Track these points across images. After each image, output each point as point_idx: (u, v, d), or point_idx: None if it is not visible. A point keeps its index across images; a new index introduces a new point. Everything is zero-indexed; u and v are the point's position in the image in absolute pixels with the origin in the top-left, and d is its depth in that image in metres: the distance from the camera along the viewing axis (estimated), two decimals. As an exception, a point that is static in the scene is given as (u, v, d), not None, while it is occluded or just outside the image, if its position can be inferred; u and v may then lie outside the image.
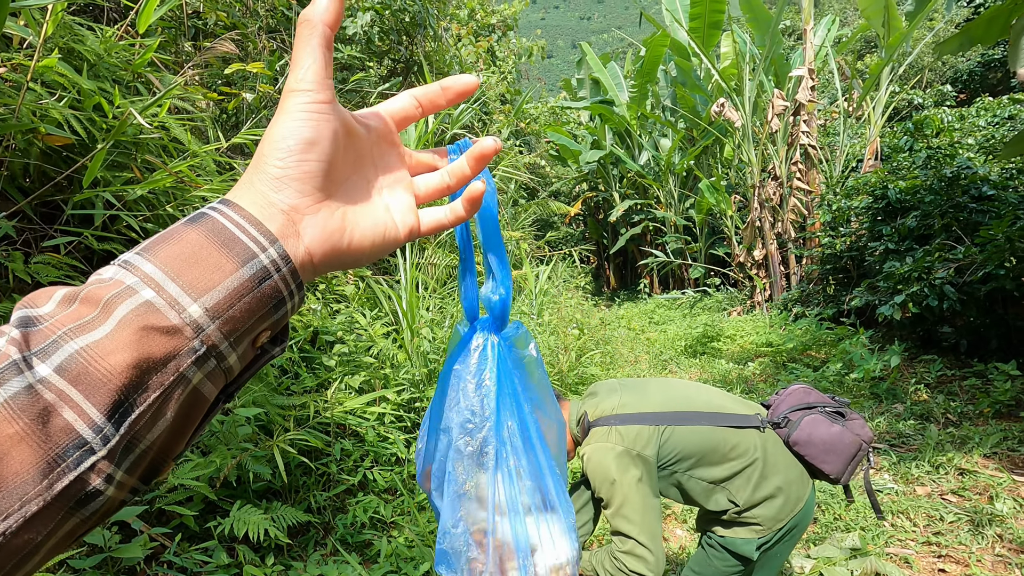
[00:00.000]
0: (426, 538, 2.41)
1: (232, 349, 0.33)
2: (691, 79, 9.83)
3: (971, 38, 3.11)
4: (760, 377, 5.41)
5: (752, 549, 1.50)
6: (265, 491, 2.47)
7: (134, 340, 0.29)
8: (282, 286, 0.35)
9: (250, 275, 0.33)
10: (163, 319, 0.30)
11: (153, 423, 0.31)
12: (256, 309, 0.34)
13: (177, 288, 0.31)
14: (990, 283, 4.33)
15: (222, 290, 0.32)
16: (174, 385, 0.31)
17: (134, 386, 0.29)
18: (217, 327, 0.32)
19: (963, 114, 8.44)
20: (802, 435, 1.50)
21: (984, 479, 3.11)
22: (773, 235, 8.42)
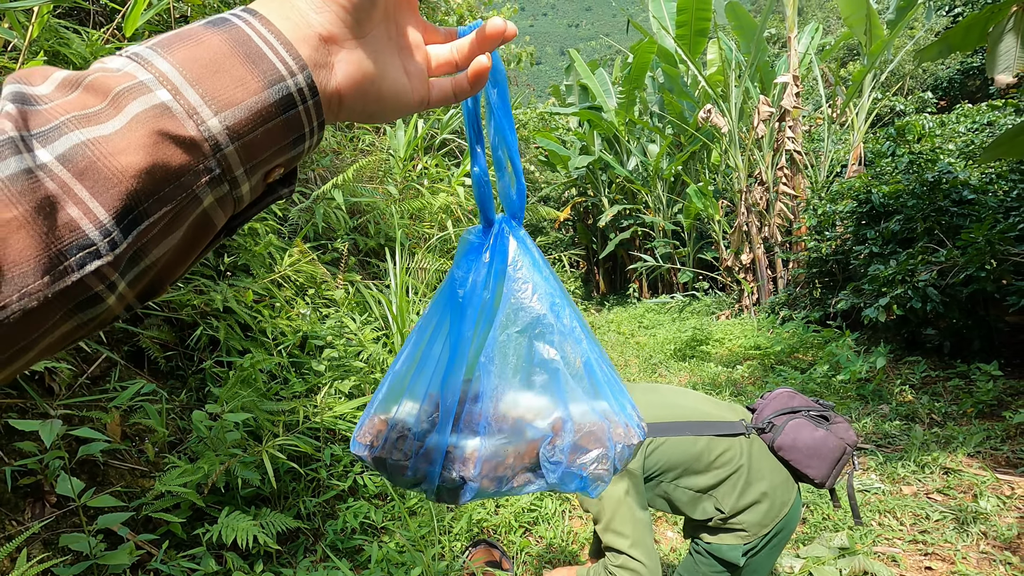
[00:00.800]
0: (417, 543, 2.40)
1: (247, 177, 0.31)
2: (678, 85, 9.94)
3: (950, 45, 3.19)
4: (749, 380, 5.45)
5: (738, 555, 1.50)
6: (254, 497, 2.44)
7: (148, 144, 0.27)
8: (305, 120, 0.32)
9: (275, 99, 0.30)
10: (181, 127, 0.28)
11: (162, 238, 0.29)
12: (277, 139, 0.31)
13: (196, 96, 0.28)
14: (972, 285, 4.41)
15: (244, 109, 0.29)
16: (187, 202, 0.29)
17: (147, 193, 0.27)
18: (236, 149, 0.29)
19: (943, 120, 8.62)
20: (787, 440, 1.49)
21: (968, 478, 3.16)
22: (760, 239, 8.51)
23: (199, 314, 2.65)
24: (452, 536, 2.55)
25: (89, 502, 1.56)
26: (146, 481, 2.15)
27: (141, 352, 2.50)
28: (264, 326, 2.83)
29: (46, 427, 1.37)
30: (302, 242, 3.32)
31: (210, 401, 2.40)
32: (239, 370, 2.52)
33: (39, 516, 1.75)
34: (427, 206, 4.88)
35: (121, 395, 2.01)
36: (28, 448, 1.72)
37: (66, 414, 1.94)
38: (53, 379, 2.03)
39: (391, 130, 5.11)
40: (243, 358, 2.56)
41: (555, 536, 2.75)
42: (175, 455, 2.25)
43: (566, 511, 2.98)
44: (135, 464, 2.15)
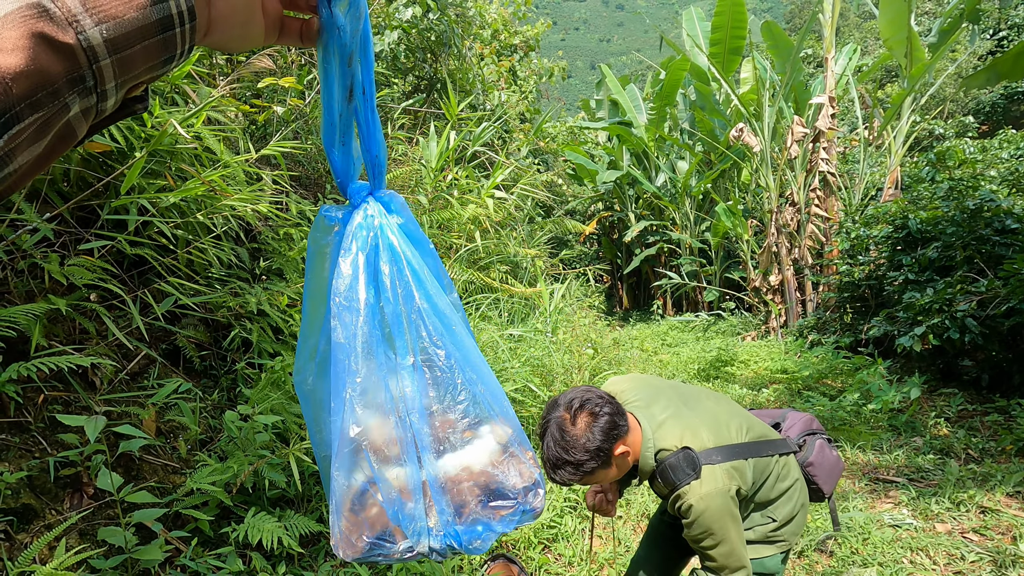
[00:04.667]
0: (436, 554, 2.40)
1: (116, 91, 0.30)
2: (710, 103, 9.88)
3: (998, 73, 3.11)
4: (775, 404, 5.33)
5: (779, 563, 1.56)
6: (279, 499, 2.48)
7: (26, 45, 0.25)
8: (179, 41, 0.32)
9: (157, 18, 0.30)
10: (59, 33, 0.26)
11: (29, 145, 0.27)
12: (152, 57, 0.31)
13: (77, 2, 0.27)
14: (1014, 317, 4.26)
15: (127, 24, 0.29)
16: (57, 110, 0.28)
17: (22, 98, 0.26)
18: (112, 63, 0.29)
19: (985, 146, 8.39)
20: (817, 458, 1.61)
21: (1007, 518, 3.03)
22: (790, 261, 8.36)
23: (234, 316, 2.71)
24: (471, 549, 2.55)
25: (127, 497, 1.61)
26: (177, 478, 2.20)
27: (178, 351, 2.57)
28: (295, 330, 2.88)
29: (91, 423, 1.42)
30: (335, 249, 3.39)
31: (241, 401, 2.45)
32: (270, 372, 2.57)
33: (77, 507, 1.81)
34: (456, 217, 4.93)
35: (159, 392, 2.07)
36: (70, 440, 1.78)
37: (107, 410, 2.00)
38: (95, 374, 2.10)
39: (424, 140, 5.19)
40: (274, 360, 2.61)
41: (574, 555, 2.72)
42: (206, 453, 2.30)
43: (585, 529, 2.95)
44: (168, 460, 2.20)
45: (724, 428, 1.47)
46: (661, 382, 1.66)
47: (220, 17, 0.37)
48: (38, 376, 1.72)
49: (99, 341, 2.13)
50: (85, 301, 2.04)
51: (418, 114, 6.04)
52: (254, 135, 3.59)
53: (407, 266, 0.54)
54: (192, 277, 2.50)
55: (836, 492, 3.54)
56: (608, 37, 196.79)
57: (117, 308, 2.19)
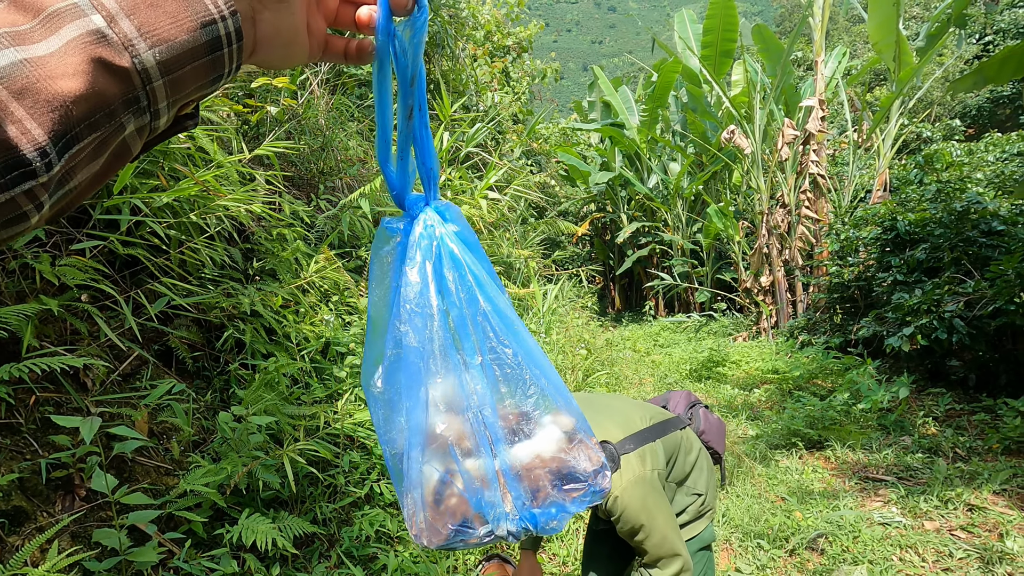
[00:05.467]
0: (432, 554, 2.40)
1: (167, 110, 0.32)
2: (702, 105, 9.95)
3: (985, 77, 3.16)
4: (766, 404, 5.38)
5: (712, 531, 1.68)
6: (272, 500, 2.47)
7: (86, 70, 0.27)
8: (227, 61, 0.34)
9: (206, 40, 0.31)
10: (116, 57, 0.28)
11: (87, 163, 0.29)
12: (201, 77, 0.32)
13: (132, 27, 0.28)
14: (1000, 318, 4.32)
15: (177, 47, 0.30)
16: (113, 130, 0.29)
17: (82, 119, 0.27)
18: (164, 84, 0.30)
19: (971, 148, 8.50)
20: (706, 425, 1.77)
21: (994, 516, 3.08)
22: (780, 262, 8.43)
23: (227, 316, 2.70)
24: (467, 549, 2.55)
25: (121, 499, 1.60)
26: (170, 479, 2.19)
27: (170, 351, 2.55)
28: (288, 331, 2.87)
29: (86, 424, 1.41)
30: (328, 249, 3.38)
31: (234, 402, 2.44)
32: (263, 373, 2.56)
33: (69, 509, 1.79)
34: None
35: (152, 393, 2.06)
36: (61, 442, 1.76)
37: (100, 411, 1.99)
38: (87, 375, 2.08)
39: (417, 141, 5.18)
40: (267, 361, 2.60)
41: (568, 554, 2.73)
42: (199, 455, 2.29)
43: (579, 528, 2.96)
44: (160, 462, 2.19)
45: (628, 419, 1.54)
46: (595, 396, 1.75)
47: (265, 37, 0.38)
48: (29, 377, 1.71)
49: (91, 342, 2.12)
50: (77, 301, 2.02)
51: (411, 115, 6.03)
52: (247, 135, 3.57)
53: (468, 271, 0.57)
54: (185, 277, 2.49)
55: (827, 491, 3.58)
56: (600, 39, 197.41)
57: (109, 309, 2.18)
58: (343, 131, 4.72)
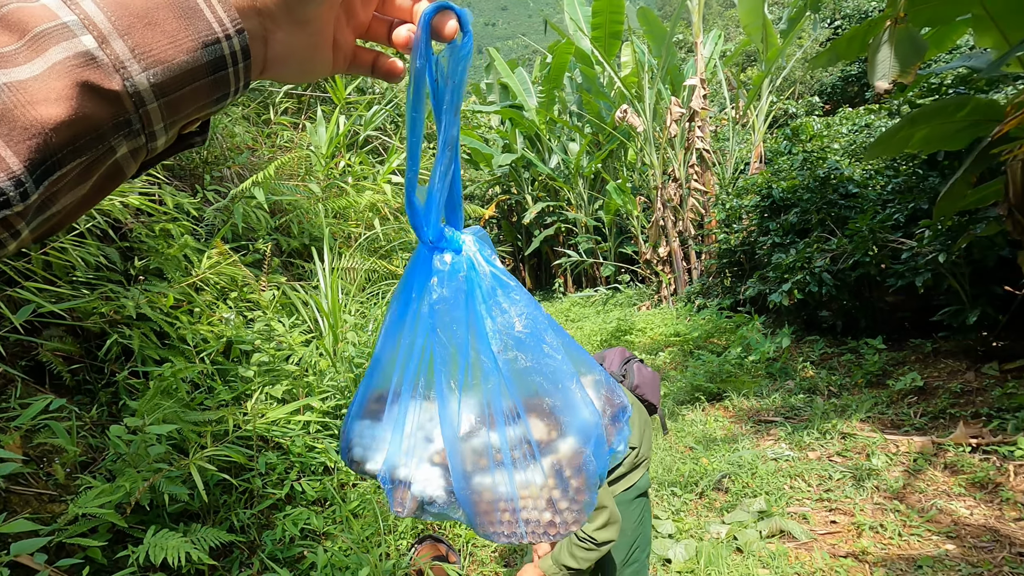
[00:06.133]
0: (362, 544, 2.36)
1: (165, 131, 0.30)
2: (595, 86, 10.29)
3: (837, 54, 3.55)
4: (671, 365, 5.77)
5: (647, 479, 1.78)
6: (182, 514, 2.30)
7: (71, 95, 0.25)
8: (233, 80, 0.32)
9: (207, 60, 0.29)
10: (106, 80, 0.26)
11: (72, 187, 0.28)
12: (202, 97, 0.31)
13: (125, 48, 0.27)
14: (859, 269, 4.92)
15: (175, 68, 0.28)
16: (102, 153, 0.28)
17: (63, 145, 0.26)
18: (159, 106, 0.29)
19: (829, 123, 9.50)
20: (639, 379, 1.83)
21: (862, 440, 3.54)
22: (675, 233, 9.00)
23: (108, 322, 2.44)
24: (397, 534, 2.53)
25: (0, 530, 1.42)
26: (56, 506, 1.97)
27: (41, 366, 2.27)
28: (183, 333, 2.66)
29: (-55, 450, 1.23)
30: (221, 243, 3.15)
31: (126, 415, 2.23)
32: (158, 380, 2.36)
33: (-70, 553, 1.56)
34: (353, 204, 4.76)
35: (24, 413, 1.83)
36: (-87, 478, 1.52)
37: (-42, 438, 1.74)
38: (-62, 400, 1.81)
39: (311, 126, 4.93)
40: (162, 367, 2.39)
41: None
42: (89, 476, 2.07)
43: (508, 501, 3.03)
44: (42, 488, 1.96)
45: None
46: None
47: (278, 56, 0.35)
48: None
49: (-61, 362, 1.84)
50: (-84, 316, 1.74)
51: (302, 98, 5.71)
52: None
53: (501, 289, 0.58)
54: (53, 281, 2.22)
55: (727, 436, 3.92)
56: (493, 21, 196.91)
57: (-41, 322, 1.90)
58: (227, 116, 4.38)
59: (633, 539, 1.81)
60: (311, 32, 0.36)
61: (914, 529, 2.60)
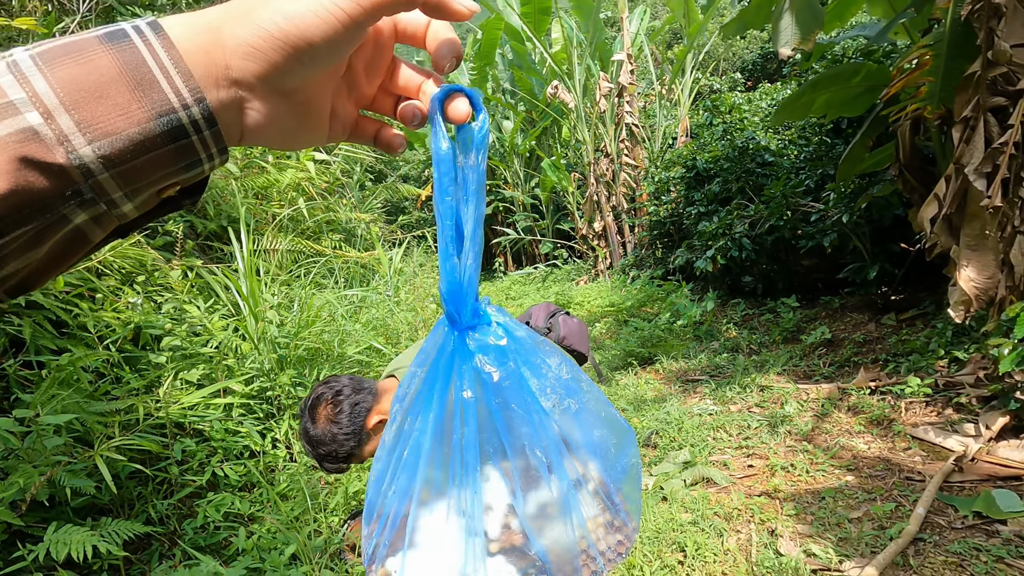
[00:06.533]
0: (292, 524, 2.31)
1: (127, 199, 0.30)
2: (527, 62, 10.25)
3: (746, 23, 3.69)
4: (607, 335, 5.93)
5: None
6: (90, 508, 2.17)
7: (9, 170, 0.26)
8: (200, 148, 0.31)
9: (161, 131, 0.29)
10: (48, 154, 0.26)
11: (21, 253, 0.28)
12: (164, 165, 0.30)
13: (70, 122, 0.27)
14: (775, 234, 5.21)
15: (123, 139, 0.28)
16: (52, 222, 0.28)
17: (4, 216, 0.26)
18: (111, 176, 0.28)
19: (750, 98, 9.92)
20: (566, 331, 1.84)
21: (778, 391, 3.79)
22: (609, 208, 9.19)
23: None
24: (329, 512, 2.49)
25: None
26: (-61, 509, 1.81)
27: (-87, 362, 2.07)
28: (84, 320, 2.48)
29: None
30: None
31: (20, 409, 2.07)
32: (55, 371, 2.20)
33: None
34: (274, 183, 4.56)
35: None
36: None
37: None
38: None
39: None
40: (60, 357, 2.23)
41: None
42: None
43: (444, 472, 3.05)
44: (-80, 491, 1.79)
45: None
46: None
47: (256, 124, 0.33)
48: None
49: None
50: None
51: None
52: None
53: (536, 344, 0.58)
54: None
55: (657, 397, 4.09)
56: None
57: None
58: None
59: None
60: (297, 102, 0.35)
61: (820, 466, 2.81)
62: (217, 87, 0.31)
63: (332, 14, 0.31)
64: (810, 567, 2.11)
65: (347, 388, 1.34)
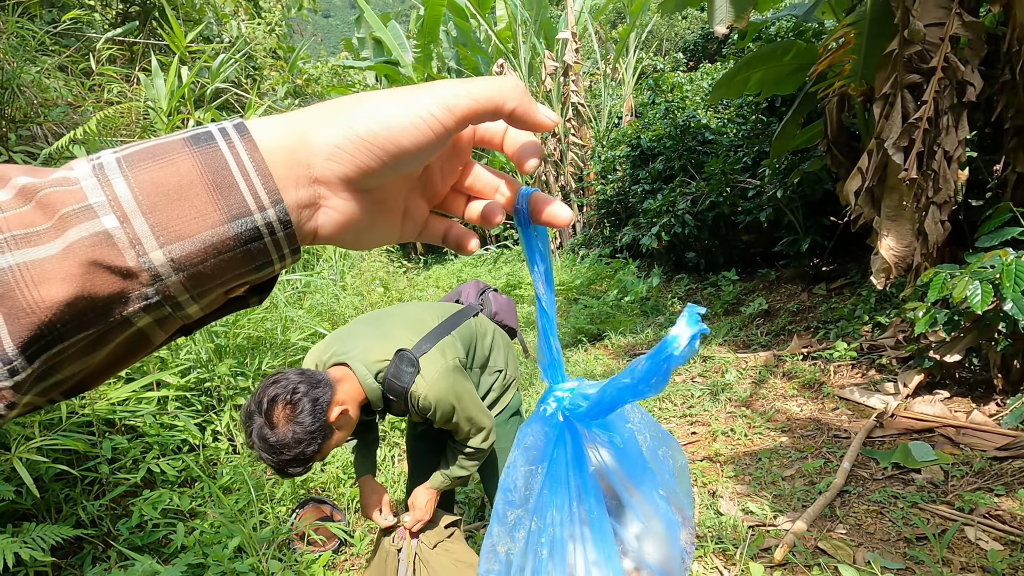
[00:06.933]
0: (236, 517, 2.24)
1: (193, 301, 0.30)
2: (471, 40, 10.07)
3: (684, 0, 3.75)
4: (556, 313, 6.01)
5: (518, 398, 1.87)
6: (11, 514, 2.04)
7: (78, 274, 0.26)
8: (273, 249, 0.30)
9: (235, 233, 0.29)
10: (118, 257, 0.26)
11: (78, 357, 0.28)
12: (233, 267, 0.30)
13: (145, 226, 0.27)
14: (715, 210, 5.38)
15: (196, 242, 0.28)
16: (114, 328, 0.28)
17: (63, 323, 0.26)
18: (179, 279, 0.28)
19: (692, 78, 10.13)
20: (496, 306, 1.90)
21: (719, 361, 3.95)
22: (558, 187, 9.24)
23: None
24: (276, 502, 2.43)
25: None
26: None
27: None
28: None
29: None
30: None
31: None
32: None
33: None
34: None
35: None
36: None
37: None
38: None
39: (146, 78, 4.36)
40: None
41: (386, 480, 2.79)
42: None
43: (395, 455, 3.03)
44: None
45: (420, 322, 1.59)
46: (354, 321, 1.70)
47: (333, 223, 0.33)
48: None
49: None
50: None
51: (133, 47, 5.01)
52: None
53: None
54: None
55: (606, 372, 4.18)
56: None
57: None
58: (34, 66, 3.73)
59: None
60: (373, 201, 0.35)
61: (757, 429, 2.96)
62: (297, 186, 0.31)
63: (426, 122, 0.32)
64: (747, 524, 2.23)
65: (302, 384, 1.29)
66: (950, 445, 2.45)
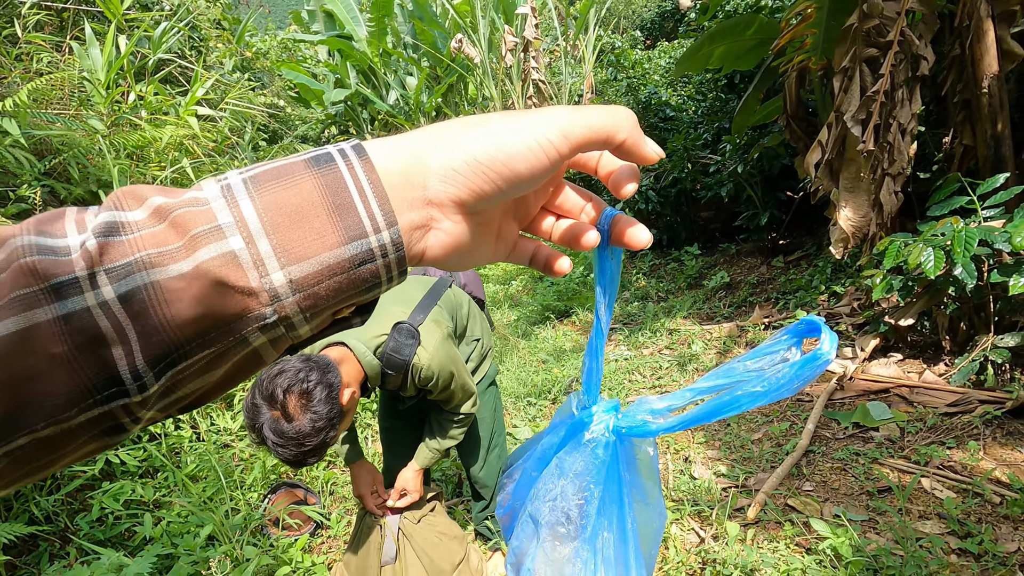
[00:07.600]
0: (205, 505, 2.16)
1: (306, 322, 0.30)
2: (428, 14, 9.80)
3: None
4: (523, 292, 6.01)
5: (495, 368, 1.90)
6: (-46, 514, 1.90)
7: (205, 295, 0.27)
8: (383, 271, 0.31)
9: (351, 255, 0.29)
10: (242, 278, 0.27)
11: (199, 375, 0.29)
12: (345, 289, 0.30)
13: (268, 247, 0.28)
14: (677, 186, 5.46)
15: (315, 264, 0.28)
16: (233, 346, 0.28)
17: (189, 340, 0.27)
18: (296, 300, 0.29)
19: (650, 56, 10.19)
20: (466, 279, 1.93)
21: (685, 333, 4.04)
22: (520, 166, 9.19)
23: None
24: (247, 488, 2.36)
25: None
26: None
27: None
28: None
29: None
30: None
31: None
32: None
33: None
34: (152, 142, 4.07)
35: None
36: None
37: None
38: None
39: (80, 47, 4.05)
40: None
41: (361, 461, 2.74)
42: None
43: (368, 436, 2.98)
44: None
45: (406, 295, 1.58)
46: None
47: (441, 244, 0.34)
48: None
49: None
50: None
51: (63, 13, 4.63)
52: None
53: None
54: None
55: (575, 347, 4.22)
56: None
57: None
58: (-50, 32, 3.40)
59: (492, 424, 1.95)
60: (479, 222, 0.36)
61: (725, 397, 3.06)
62: (411, 208, 0.31)
63: (542, 148, 0.32)
64: (720, 486, 2.30)
65: (313, 372, 1.24)
66: (905, 404, 2.59)
